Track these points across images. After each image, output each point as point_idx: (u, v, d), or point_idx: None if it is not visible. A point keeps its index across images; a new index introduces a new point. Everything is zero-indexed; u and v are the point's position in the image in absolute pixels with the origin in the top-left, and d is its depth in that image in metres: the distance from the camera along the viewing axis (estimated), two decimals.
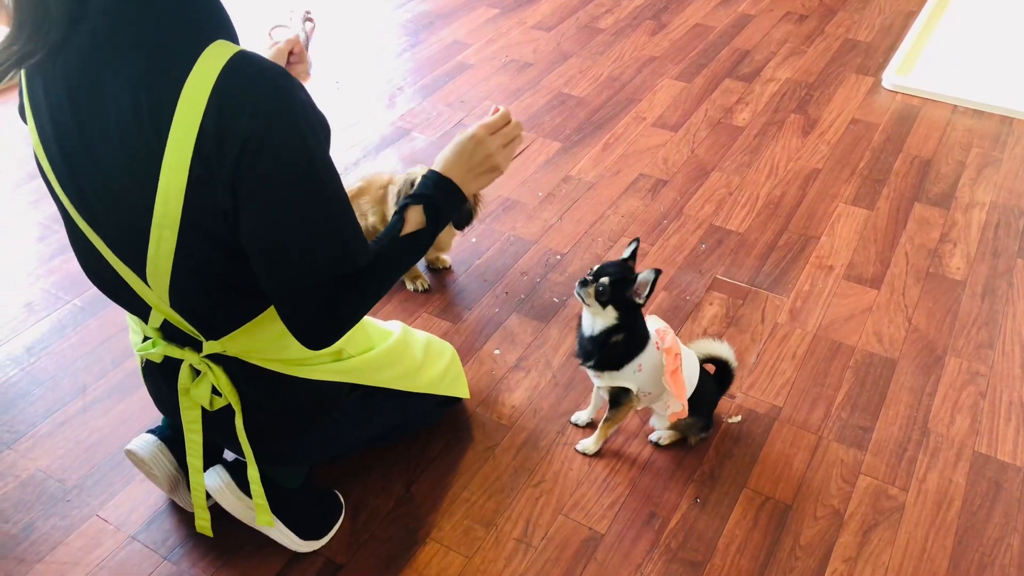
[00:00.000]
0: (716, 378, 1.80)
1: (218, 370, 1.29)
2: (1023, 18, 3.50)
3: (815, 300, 2.16)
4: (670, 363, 1.58)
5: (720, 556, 1.58)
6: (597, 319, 1.57)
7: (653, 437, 1.78)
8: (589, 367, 1.63)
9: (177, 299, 1.17)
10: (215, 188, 1.02)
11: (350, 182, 2.25)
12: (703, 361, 1.77)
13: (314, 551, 1.57)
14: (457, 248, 2.33)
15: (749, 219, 2.44)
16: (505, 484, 1.70)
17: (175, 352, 1.30)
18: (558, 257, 2.29)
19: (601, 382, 1.67)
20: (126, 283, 1.19)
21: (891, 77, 3.06)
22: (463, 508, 1.65)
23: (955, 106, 2.95)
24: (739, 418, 1.84)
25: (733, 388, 1.90)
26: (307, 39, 1.64)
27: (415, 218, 1.22)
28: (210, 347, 1.26)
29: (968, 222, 2.43)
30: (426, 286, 2.19)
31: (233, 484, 1.47)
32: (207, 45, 0.99)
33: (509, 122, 1.30)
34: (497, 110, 1.30)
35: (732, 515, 1.65)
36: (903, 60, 3.15)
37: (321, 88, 3.04)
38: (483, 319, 2.10)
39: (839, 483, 1.71)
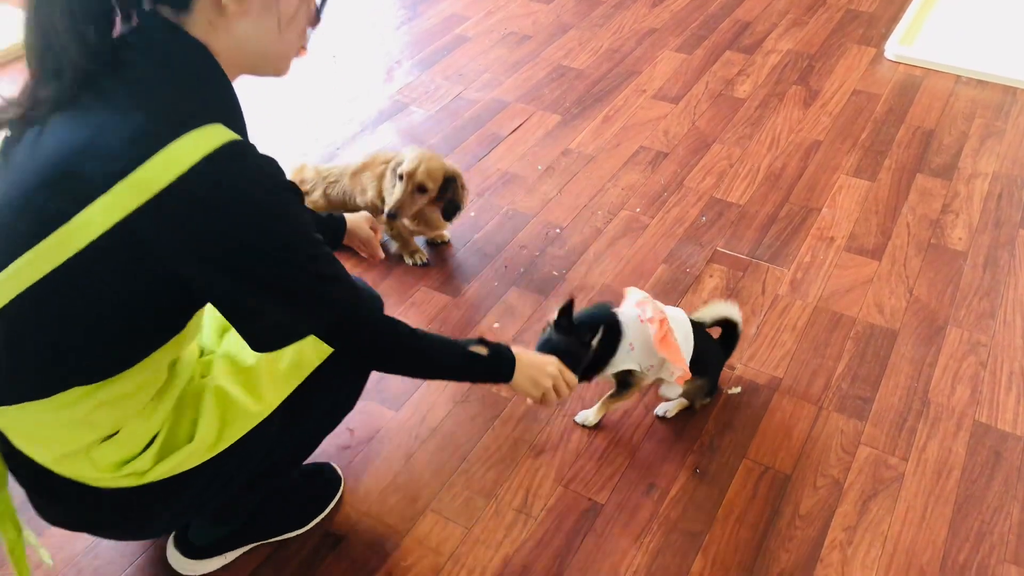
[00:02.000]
0: (721, 341, 1.79)
1: None
2: None
3: (816, 272, 2.15)
4: (658, 331, 1.57)
5: (719, 526, 1.58)
6: None
7: (659, 411, 1.77)
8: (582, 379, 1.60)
9: None
10: (147, 252, 0.99)
11: (353, 158, 2.23)
12: (713, 324, 1.77)
13: (315, 524, 1.57)
14: (456, 222, 2.31)
15: (750, 191, 2.42)
16: (505, 455, 1.70)
17: None
18: (558, 231, 2.28)
19: (604, 375, 1.65)
20: None
21: (894, 47, 3.03)
22: (463, 479, 1.66)
23: (958, 76, 2.92)
24: (739, 389, 1.84)
25: (733, 359, 1.89)
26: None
27: (480, 350, 1.36)
28: None
29: (971, 193, 2.41)
30: (424, 260, 2.18)
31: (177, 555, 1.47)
32: (204, 124, 0.97)
33: (570, 387, 1.48)
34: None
35: (731, 485, 1.65)
36: (906, 30, 3.12)
37: (318, 62, 3.02)
38: (482, 293, 2.09)
39: (839, 453, 1.71)
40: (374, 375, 1.88)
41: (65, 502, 1.22)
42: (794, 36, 3.17)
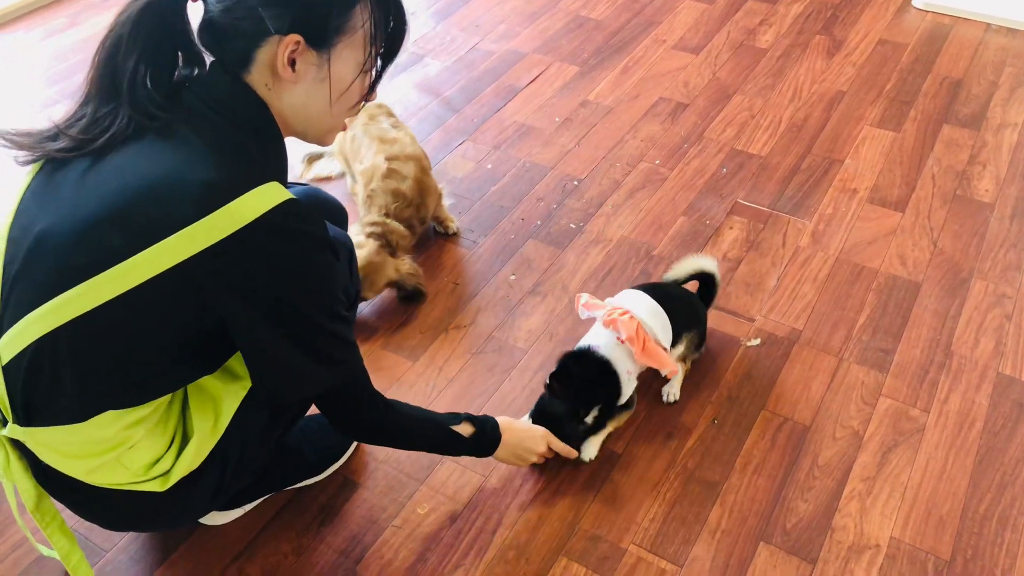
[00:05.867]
0: (700, 294, 1.77)
1: (15, 456, 1.16)
2: None
3: (838, 223, 2.11)
4: (636, 345, 1.53)
5: (737, 475, 1.57)
6: None
7: (667, 399, 1.70)
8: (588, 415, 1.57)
9: (18, 366, 1.07)
10: (199, 295, 1.04)
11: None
12: (690, 279, 1.75)
13: (332, 472, 1.58)
14: (472, 174, 2.29)
15: (771, 143, 2.37)
16: (522, 406, 1.70)
17: None
18: (575, 183, 2.25)
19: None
20: None
21: None
22: None
23: (988, 24, 2.84)
24: (758, 341, 1.82)
25: (752, 311, 1.87)
26: None
27: (464, 429, 1.42)
28: (12, 430, 1.12)
29: (999, 143, 2.35)
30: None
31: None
32: (267, 180, 1.03)
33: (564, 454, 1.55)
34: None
35: (750, 436, 1.64)
36: None
37: None
38: (499, 245, 2.08)
39: (859, 405, 1.69)
40: (387, 324, 1.88)
41: (104, 509, 1.26)
42: None
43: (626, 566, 1.44)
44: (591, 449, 1.59)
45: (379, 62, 1.15)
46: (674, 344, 1.64)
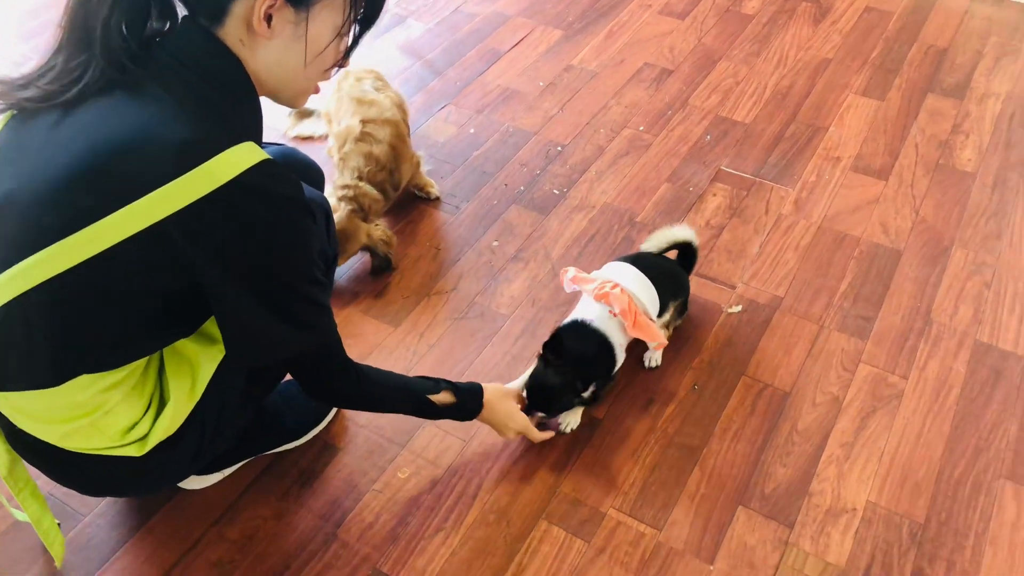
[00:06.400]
0: (680, 261, 1.77)
1: None
2: None
3: (821, 191, 2.11)
4: (628, 318, 1.52)
5: (717, 440, 1.58)
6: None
7: (648, 364, 1.71)
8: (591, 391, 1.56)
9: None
10: (176, 256, 1.01)
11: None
12: (668, 248, 1.75)
13: (312, 436, 1.57)
14: (455, 139, 2.27)
15: (756, 110, 2.36)
16: (503, 372, 1.69)
17: None
18: (559, 149, 2.23)
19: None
20: None
21: None
22: None
23: None
24: (740, 308, 1.82)
25: (734, 278, 1.87)
26: None
27: (443, 398, 1.41)
28: None
29: (982, 113, 2.35)
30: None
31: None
32: (242, 139, 1.00)
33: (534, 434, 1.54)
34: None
35: (730, 402, 1.65)
36: None
37: None
38: (481, 211, 2.06)
39: (839, 371, 1.70)
40: (368, 291, 1.86)
41: (80, 474, 1.25)
42: None
43: (606, 529, 1.45)
44: (574, 419, 1.59)
45: (357, 28, 1.12)
46: (660, 314, 1.64)
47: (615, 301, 1.52)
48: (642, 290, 1.58)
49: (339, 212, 1.80)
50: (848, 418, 1.62)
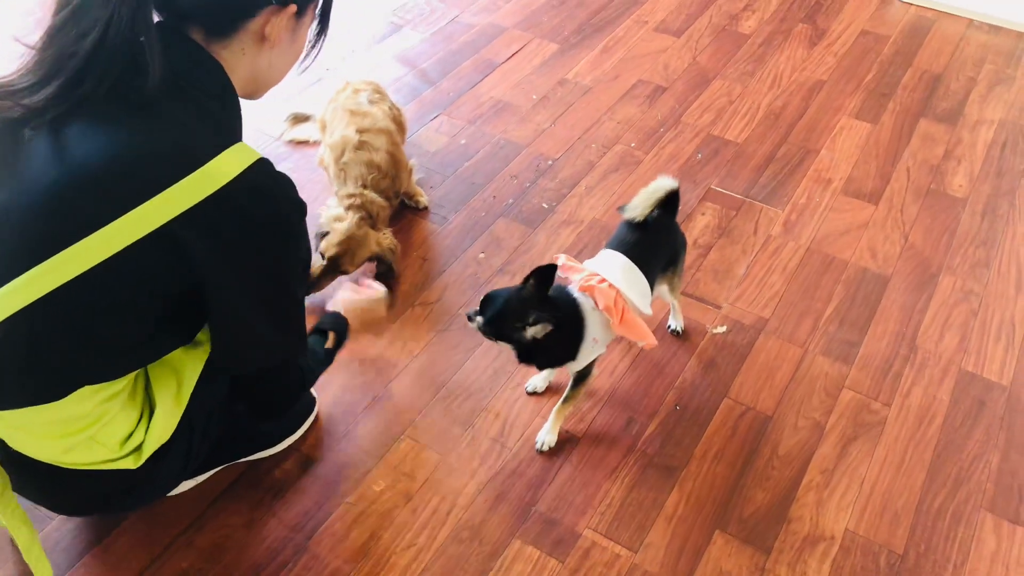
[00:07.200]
0: (664, 209, 1.64)
1: None
2: None
3: (811, 214, 2.10)
4: (615, 314, 1.46)
5: (696, 463, 1.57)
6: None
7: (670, 327, 1.75)
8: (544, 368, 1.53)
9: None
10: (182, 256, 1.02)
11: (345, 79, 2.13)
12: (654, 208, 1.62)
13: (288, 446, 1.55)
14: (446, 149, 2.26)
15: (748, 130, 2.36)
16: (484, 385, 1.68)
17: None
18: (549, 162, 2.23)
19: (568, 370, 1.55)
20: None
21: None
22: (440, 407, 1.64)
23: (971, 20, 2.83)
24: (724, 328, 1.81)
25: (720, 299, 1.86)
26: None
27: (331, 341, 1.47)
28: None
29: (974, 140, 2.35)
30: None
31: None
32: (234, 141, 1.03)
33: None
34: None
35: (711, 424, 1.63)
36: None
37: None
38: (469, 222, 2.05)
39: (822, 396, 1.69)
40: None
41: (73, 491, 1.24)
42: None
43: (580, 550, 1.43)
44: (549, 437, 1.57)
45: (317, 26, 1.18)
46: (659, 283, 1.61)
47: (600, 296, 1.47)
48: (632, 286, 1.50)
49: (347, 220, 1.78)
50: (829, 444, 1.61)
